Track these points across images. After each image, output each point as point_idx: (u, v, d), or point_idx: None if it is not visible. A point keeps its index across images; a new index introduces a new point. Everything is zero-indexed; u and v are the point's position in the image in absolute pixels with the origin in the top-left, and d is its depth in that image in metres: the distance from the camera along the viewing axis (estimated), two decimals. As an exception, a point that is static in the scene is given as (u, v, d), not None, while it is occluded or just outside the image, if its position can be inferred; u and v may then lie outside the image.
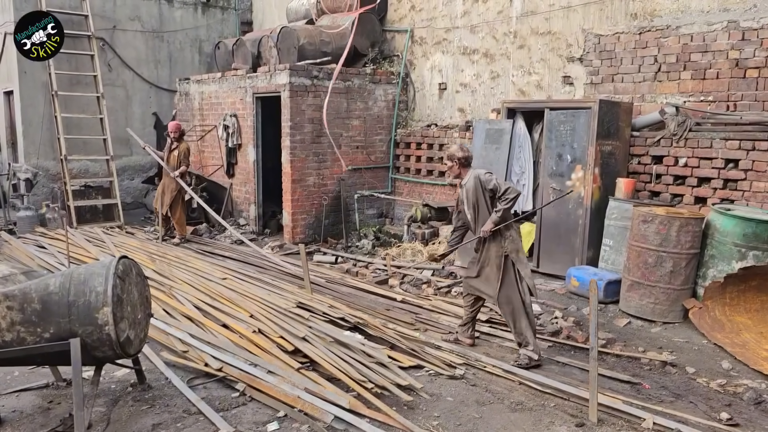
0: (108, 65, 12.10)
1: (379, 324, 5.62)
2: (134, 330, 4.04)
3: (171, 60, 13.03)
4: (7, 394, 4.50)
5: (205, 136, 11.21)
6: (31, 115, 11.36)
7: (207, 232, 10.28)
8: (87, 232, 9.48)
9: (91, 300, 3.78)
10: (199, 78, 11.37)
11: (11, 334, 3.80)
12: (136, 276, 4.17)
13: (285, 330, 5.22)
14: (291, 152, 9.23)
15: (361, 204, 9.92)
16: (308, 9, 11.24)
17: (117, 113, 12.14)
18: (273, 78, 9.38)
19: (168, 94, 12.80)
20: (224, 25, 13.70)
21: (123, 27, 12.34)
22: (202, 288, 6.49)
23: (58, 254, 8.15)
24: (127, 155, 12.43)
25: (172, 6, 12.96)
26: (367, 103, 9.92)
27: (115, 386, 4.69)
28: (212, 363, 4.81)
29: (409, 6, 10.22)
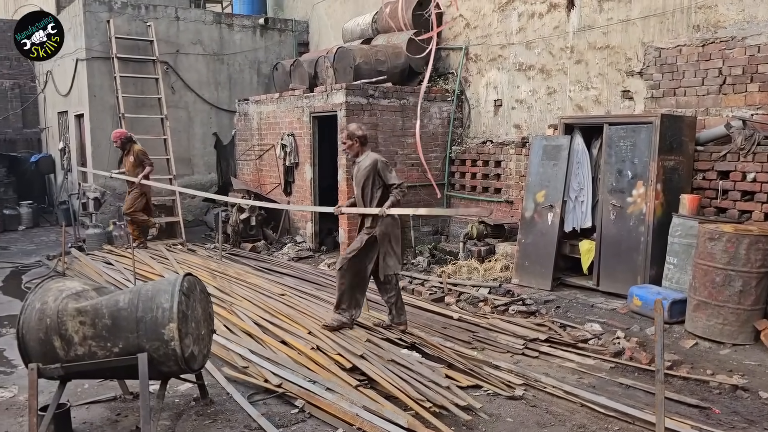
0: (171, 88, 12.55)
1: (437, 342, 5.60)
2: (198, 345, 4.14)
3: (231, 81, 13.41)
4: (78, 405, 4.66)
5: (264, 155, 11.47)
6: (99, 136, 11.87)
7: (265, 249, 10.47)
8: (151, 249, 9.80)
9: (158, 316, 3.90)
10: (258, 99, 11.66)
11: (83, 348, 3.95)
12: (200, 293, 4.29)
13: (343, 347, 5.26)
14: (347, 170, 9.33)
15: (417, 221, 9.92)
16: (364, 29, 11.41)
17: (179, 134, 12.56)
18: (329, 97, 9.54)
19: (228, 115, 13.17)
20: (282, 47, 14.03)
21: (186, 51, 12.79)
22: (262, 304, 6.61)
23: (124, 270, 8.45)
24: (188, 174, 12.82)
25: (232, 29, 13.37)
26: (422, 121, 9.96)
27: (179, 400, 4.81)
28: (272, 379, 4.88)
29: (464, 24, 10.25)
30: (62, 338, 3.93)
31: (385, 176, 5.72)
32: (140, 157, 9.70)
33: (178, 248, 10.34)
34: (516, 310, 6.76)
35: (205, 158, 13.19)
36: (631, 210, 7.03)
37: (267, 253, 10.23)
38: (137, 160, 9.66)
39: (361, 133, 5.79)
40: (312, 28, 14.36)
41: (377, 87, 9.53)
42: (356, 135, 5.76)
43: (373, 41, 11.05)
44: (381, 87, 9.57)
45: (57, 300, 3.99)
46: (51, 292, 4.08)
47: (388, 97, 9.60)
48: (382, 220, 5.75)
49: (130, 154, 9.75)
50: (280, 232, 10.83)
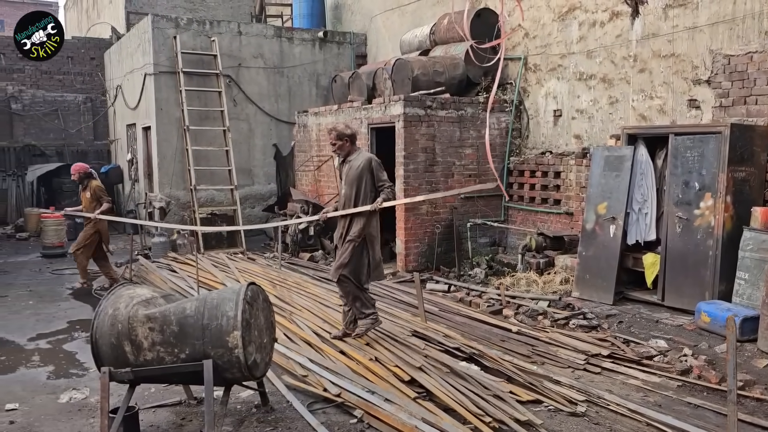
0: (233, 100, 12.89)
1: (495, 355, 5.54)
2: (260, 353, 4.23)
3: (290, 94, 13.68)
4: (145, 409, 4.82)
5: (322, 165, 11.63)
6: (165, 148, 12.30)
7: (322, 258, 10.59)
8: (213, 258, 10.06)
9: (223, 324, 4.01)
10: (317, 110, 11.85)
11: (152, 353, 4.09)
12: (263, 302, 4.38)
13: (401, 359, 5.27)
14: (404, 181, 9.37)
15: (474, 232, 9.86)
16: (421, 41, 11.45)
17: (240, 145, 12.87)
18: (387, 109, 9.61)
19: (287, 126, 13.43)
20: (340, 59, 14.22)
21: (247, 64, 13.13)
22: (321, 314, 6.69)
23: (187, 278, 8.70)
24: (249, 185, 13.12)
25: (292, 43, 13.65)
26: (480, 132, 9.90)
27: (241, 407, 4.92)
28: (331, 388, 4.93)
29: (523, 33, 10.16)
30: (132, 343, 4.08)
31: (377, 175, 5.70)
32: (98, 193, 9.15)
33: (239, 257, 10.58)
34: (576, 324, 6.62)
35: (264, 169, 13.47)
36: (699, 223, 6.80)
37: (324, 263, 10.33)
38: (94, 196, 9.10)
39: (350, 132, 5.78)
40: (370, 40, 14.51)
41: (435, 98, 9.55)
42: (346, 134, 5.74)
43: (431, 52, 11.08)
44: (439, 98, 9.59)
45: (128, 306, 4.15)
46: (122, 298, 4.24)
47: (445, 108, 9.60)
48: (370, 223, 5.78)
49: (87, 189, 9.19)
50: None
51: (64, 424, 4.71)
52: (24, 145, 15.83)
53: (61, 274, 10.27)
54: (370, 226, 5.78)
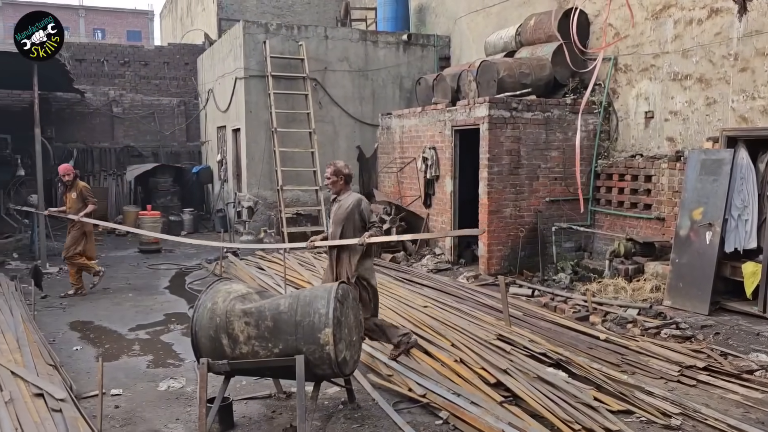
0: (319, 103, 13.18)
1: (583, 363, 5.42)
2: (350, 351, 4.32)
3: (374, 96, 13.84)
4: (238, 400, 5.02)
5: (405, 167, 11.71)
6: (253, 150, 12.73)
7: (404, 260, 10.67)
8: (299, 257, 10.32)
9: (315, 321, 4.13)
10: (401, 113, 11.95)
11: (247, 347, 4.27)
12: (352, 300, 4.48)
13: (486, 361, 5.25)
14: (488, 184, 9.31)
15: (559, 237, 9.66)
16: (507, 42, 11.34)
17: (325, 147, 13.14)
18: (472, 111, 9.57)
19: (371, 129, 13.59)
20: (423, 62, 14.27)
21: (333, 68, 13.40)
22: (405, 314, 6.75)
23: (275, 276, 8.98)
24: (332, 186, 13.34)
25: (376, 46, 13.82)
26: (567, 134, 9.71)
27: (328, 402, 5.04)
28: (416, 389, 4.97)
29: (613, 33, 9.88)
30: (229, 337, 4.26)
31: (366, 217, 5.64)
32: (84, 194, 8.98)
33: (323, 256, 10.78)
34: (669, 334, 6.37)
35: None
36: (806, 231, 6.41)
37: (406, 264, 10.41)
38: (80, 196, 8.96)
39: (347, 172, 5.75)
40: (453, 42, 14.48)
41: (521, 100, 9.43)
42: (343, 173, 5.70)
43: (517, 54, 10.95)
44: (524, 100, 9.46)
45: (225, 301, 4.34)
46: (220, 293, 4.44)
47: (531, 110, 9.47)
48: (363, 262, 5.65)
49: (73, 190, 9.02)
50: (419, 243, 10.98)
51: (164, 411, 4.98)
52: (123, 146, 16.77)
53: (156, 269, 10.82)
54: (362, 267, 5.64)
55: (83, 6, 43.02)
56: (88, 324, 7.49)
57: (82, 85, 15.94)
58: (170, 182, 15.62)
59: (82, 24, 41.76)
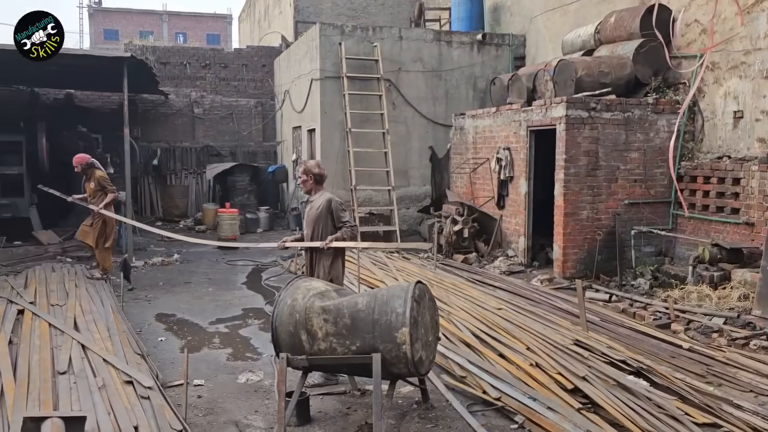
0: (393, 104, 13.25)
1: (665, 372, 5.23)
2: (426, 351, 4.34)
3: (447, 97, 13.80)
4: (314, 395, 5.13)
5: (478, 168, 11.62)
6: (328, 149, 12.94)
7: (476, 261, 10.59)
8: (371, 256, 10.42)
9: (392, 320, 4.17)
10: (474, 113, 11.87)
11: (325, 343, 4.35)
12: (429, 300, 4.49)
13: (563, 366, 5.15)
14: (564, 185, 9.12)
15: (638, 240, 9.34)
16: (585, 40, 11.06)
17: (398, 147, 13.19)
18: (548, 111, 9.40)
19: (443, 129, 13.57)
20: (498, 62, 14.12)
21: (407, 68, 13.45)
22: (478, 316, 6.71)
23: (348, 274, 9.07)
24: (405, 186, 13.42)
25: (450, 46, 13.78)
26: (648, 135, 9.39)
27: (402, 401, 5.07)
28: (490, 391, 4.94)
29: (699, 30, 9.48)
30: (308, 333, 4.36)
31: (337, 216, 5.59)
32: (102, 183, 9.14)
33: (395, 256, 10.87)
34: (759, 346, 6.07)
35: (420, 171, 13.73)
36: None
37: (478, 266, 10.33)
38: (98, 185, 9.12)
39: (317, 171, 5.70)
40: (529, 41, 14.25)
41: (599, 100, 9.19)
42: (312, 172, 5.68)
43: (595, 52, 10.67)
44: (603, 100, 9.21)
45: (305, 298, 4.44)
46: (300, 290, 4.55)
47: (611, 110, 9.21)
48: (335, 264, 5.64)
49: (91, 179, 9.21)
50: (491, 245, 10.88)
51: (243, 403, 5.15)
52: (203, 146, 17.39)
53: (234, 265, 11.16)
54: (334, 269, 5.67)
55: (167, 11, 44.88)
56: (171, 316, 7.81)
57: (166, 87, 16.62)
58: (247, 181, 16.08)
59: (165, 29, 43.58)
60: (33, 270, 9.24)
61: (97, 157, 14.44)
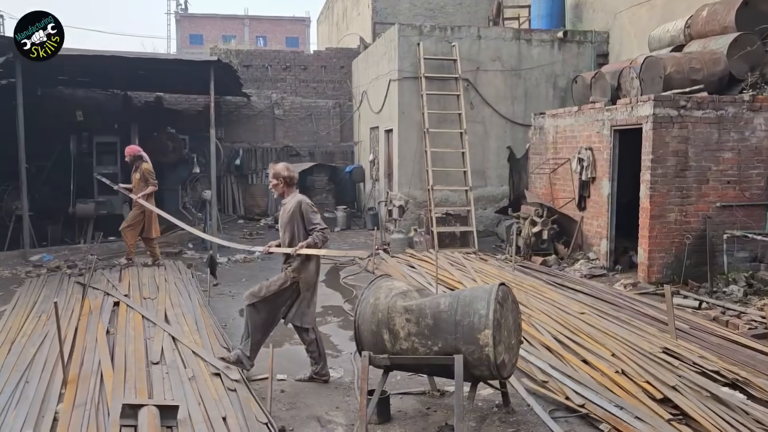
0: (470, 103, 13.16)
1: (763, 385, 4.95)
2: (508, 354, 4.29)
3: (526, 96, 13.58)
4: (393, 394, 5.16)
5: (558, 169, 11.37)
6: (405, 150, 12.99)
7: (555, 263, 10.37)
8: (448, 256, 10.38)
9: (474, 321, 4.14)
10: (555, 112, 11.62)
11: (407, 343, 4.38)
12: (512, 303, 4.44)
13: (651, 375, 4.97)
14: (651, 186, 8.79)
15: (731, 245, 8.88)
16: (674, 36, 10.63)
17: (475, 147, 13.08)
18: (634, 110, 9.09)
19: (522, 129, 13.36)
20: (579, 59, 13.77)
21: (485, 68, 13.32)
22: (560, 320, 6.57)
23: (425, 275, 9.10)
24: (482, 186, 13.30)
25: (530, 44, 13.54)
26: (743, 134, 8.92)
27: (482, 404, 5.03)
28: (574, 397, 4.82)
29: (802, 21, 8.92)
30: (390, 332, 4.40)
31: (308, 218, 5.47)
32: (146, 175, 9.64)
33: (472, 257, 10.79)
34: None
35: (498, 171, 13.57)
36: None
37: (558, 268, 10.11)
38: (143, 177, 9.64)
39: (287, 174, 5.60)
40: (612, 38, 13.83)
41: (690, 97, 8.80)
42: (282, 175, 5.59)
43: (685, 48, 10.22)
44: (694, 97, 8.81)
45: (387, 297, 4.48)
46: (382, 289, 4.59)
47: (702, 108, 8.80)
48: (305, 266, 5.52)
49: (137, 171, 9.75)
50: (571, 247, 10.62)
51: (324, 399, 5.24)
52: (283, 146, 17.82)
53: (313, 262, 11.36)
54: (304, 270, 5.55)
55: (248, 16, 46.27)
56: (253, 312, 8.03)
57: (249, 89, 17.13)
58: (325, 180, 16.36)
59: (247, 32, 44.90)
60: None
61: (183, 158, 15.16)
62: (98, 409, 4.59)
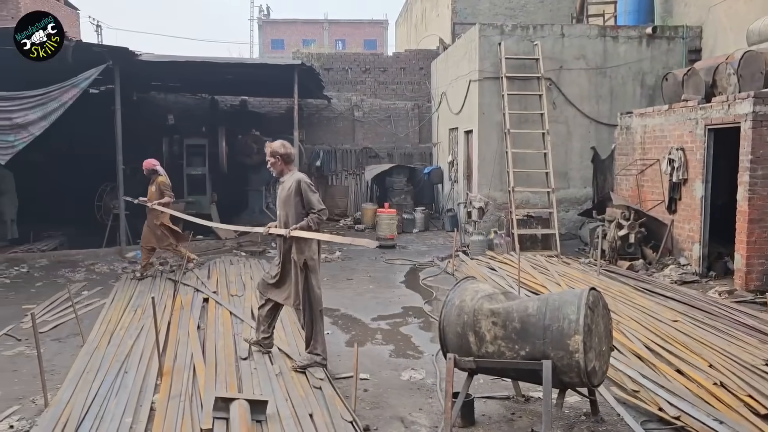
0: (553, 103, 12.86)
1: None
2: (599, 361, 4.16)
3: (612, 95, 13.15)
4: (478, 398, 5.10)
5: (646, 170, 10.94)
6: (485, 151, 12.85)
7: (643, 268, 9.97)
8: (530, 259, 10.19)
9: (564, 327, 4.04)
10: (643, 111, 11.18)
11: (493, 346, 4.32)
12: (603, 308, 4.30)
13: (754, 388, 4.70)
14: (749, 189, 8.32)
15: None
16: (775, 28, 10.01)
17: (557, 148, 12.77)
18: (731, 108, 8.62)
19: (607, 129, 12.95)
20: (669, 56, 13.20)
21: (568, 66, 12.99)
22: (650, 327, 6.31)
23: (506, 277, 8.96)
24: (564, 188, 12.98)
25: (616, 41, 13.11)
26: None
27: (569, 412, 4.89)
28: (668, 409, 4.62)
29: None
30: (476, 335, 4.35)
31: (307, 198, 5.47)
32: (161, 187, 9.67)
33: (554, 260, 10.54)
34: None
35: (581, 172, 13.20)
36: None
37: (646, 273, 9.72)
38: (158, 190, 9.68)
39: (283, 151, 5.58)
40: (706, 32, 13.18)
41: (794, 94, 8.27)
42: (279, 153, 5.56)
43: (789, 41, 9.62)
44: (799, 94, 8.28)
45: (473, 299, 4.44)
46: (468, 291, 4.55)
47: (805, 104, 8.25)
48: (299, 247, 5.51)
49: (153, 183, 9.77)
50: (660, 252, 10.19)
51: (407, 400, 5.24)
52: (362, 148, 18.01)
53: (392, 263, 11.42)
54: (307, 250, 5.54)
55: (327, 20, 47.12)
56: (335, 311, 8.16)
57: (329, 92, 17.42)
58: (404, 182, 16.40)
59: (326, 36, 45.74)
60: (214, 262, 10.12)
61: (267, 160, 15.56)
62: (191, 400, 4.78)
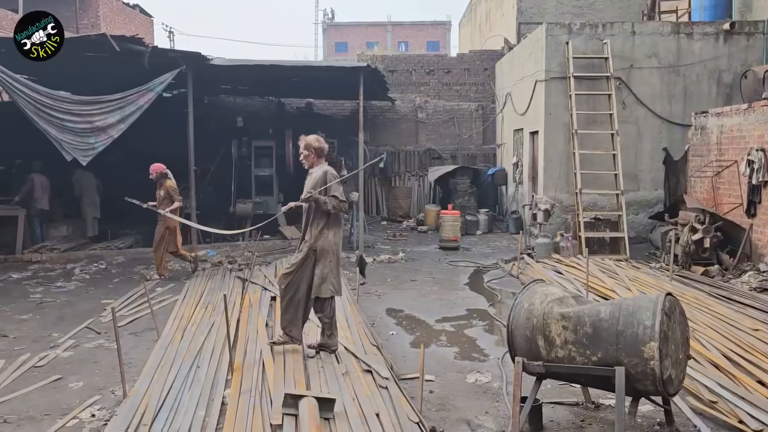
0: (622, 103, 12.51)
1: None
2: (675, 369, 4.03)
3: (686, 94, 12.69)
4: (546, 403, 5.02)
5: (722, 172, 10.50)
6: (551, 152, 12.61)
7: (719, 274, 9.57)
8: (598, 263, 9.93)
9: (639, 332, 3.92)
10: (719, 111, 10.74)
11: (563, 351, 4.24)
12: (680, 315, 4.16)
13: None
14: None
15: None
16: None
17: (627, 149, 12.40)
18: (817, 107, 8.18)
19: (679, 129, 12.50)
20: (749, 53, 12.63)
21: (639, 65, 12.61)
22: (728, 335, 6.05)
23: (574, 281, 8.78)
24: (634, 190, 12.60)
25: (690, 38, 12.64)
26: None
27: (641, 421, 4.75)
28: (749, 422, 4.42)
29: None
30: (546, 339, 4.28)
31: (331, 187, 5.69)
32: (170, 192, 9.67)
33: (623, 264, 10.25)
34: None
35: (652, 174, 12.78)
36: None
37: (722, 279, 9.31)
38: (167, 194, 9.66)
39: (317, 145, 5.87)
40: (789, 27, 12.55)
41: None
42: (313, 146, 5.86)
43: None
44: None
45: (543, 303, 4.37)
46: (537, 294, 4.49)
47: None
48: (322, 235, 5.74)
49: (161, 188, 9.76)
50: (738, 257, 9.75)
51: (473, 402, 5.21)
52: (425, 149, 18.01)
53: (456, 265, 11.37)
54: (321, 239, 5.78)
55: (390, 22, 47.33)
56: (399, 312, 8.19)
57: (393, 93, 17.49)
58: (467, 183, 16.30)
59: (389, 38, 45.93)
60: (281, 261, 10.31)
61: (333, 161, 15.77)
62: (261, 396, 4.89)
